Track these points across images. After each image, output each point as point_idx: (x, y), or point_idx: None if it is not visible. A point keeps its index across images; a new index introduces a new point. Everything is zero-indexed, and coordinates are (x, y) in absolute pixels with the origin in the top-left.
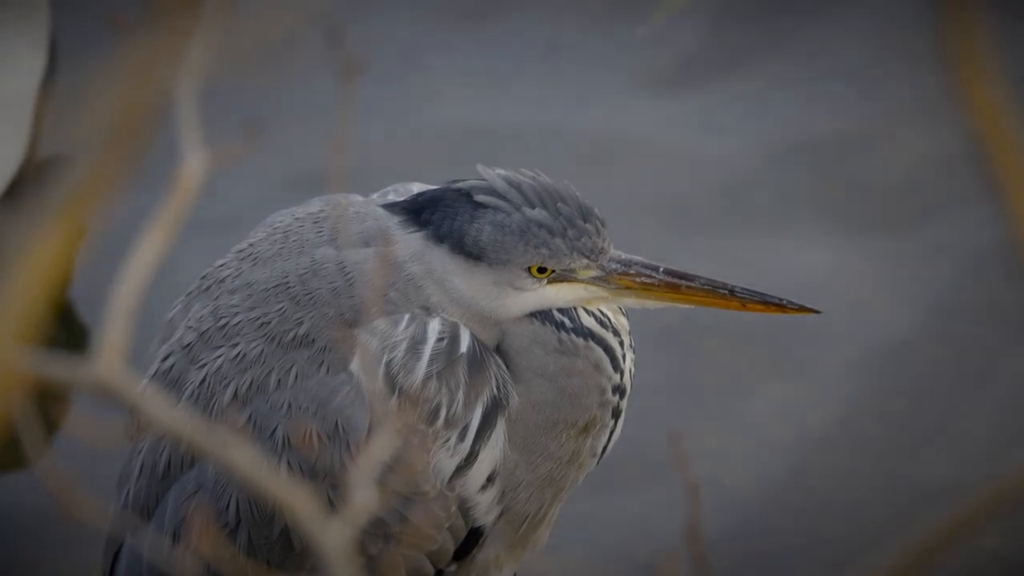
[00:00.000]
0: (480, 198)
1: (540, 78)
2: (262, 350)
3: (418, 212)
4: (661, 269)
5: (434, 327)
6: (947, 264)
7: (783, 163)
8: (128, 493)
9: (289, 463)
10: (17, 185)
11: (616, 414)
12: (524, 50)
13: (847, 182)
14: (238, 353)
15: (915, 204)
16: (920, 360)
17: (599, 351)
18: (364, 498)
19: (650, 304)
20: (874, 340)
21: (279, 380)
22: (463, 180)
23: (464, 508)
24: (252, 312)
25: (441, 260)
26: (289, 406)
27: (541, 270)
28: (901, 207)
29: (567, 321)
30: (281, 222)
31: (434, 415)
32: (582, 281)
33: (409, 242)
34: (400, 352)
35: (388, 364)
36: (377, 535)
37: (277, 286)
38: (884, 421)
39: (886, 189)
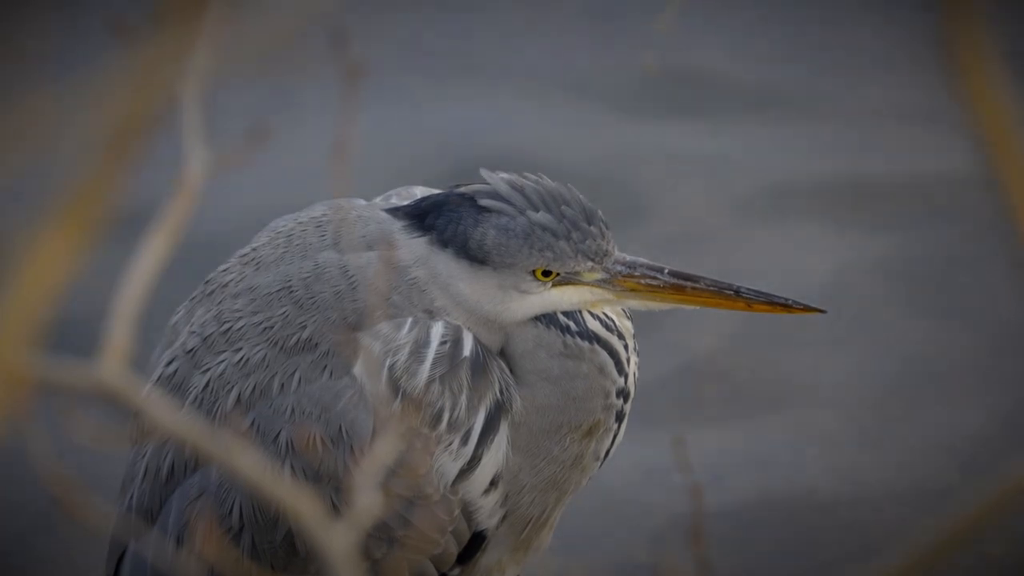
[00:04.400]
0: (484, 202)
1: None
2: (265, 354)
3: (422, 217)
4: (666, 271)
5: (437, 331)
6: (952, 269)
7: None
8: (132, 497)
9: (293, 467)
10: None
11: (620, 418)
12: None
13: (856, 181)
14: (241, 358)
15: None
16: (921, 360)
17: (604, 354)
18: (367, 502)
19: (655, 306)
20: (876, 341)
21: (282, 384)
22: (466, 184)
23: (467, 512)
24: (255, 316)
25: (445, 264)
26: (292, 410)
27: (546, 273)
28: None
29: (572, 324)
30: (284, 226)
31: (437, 419)
32: (587, 284)
33: (413, 246)
34: (403, 356)
35: (391, 368)
36: (381, 539)
37: (280, 290)
38: (884, 421)
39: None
